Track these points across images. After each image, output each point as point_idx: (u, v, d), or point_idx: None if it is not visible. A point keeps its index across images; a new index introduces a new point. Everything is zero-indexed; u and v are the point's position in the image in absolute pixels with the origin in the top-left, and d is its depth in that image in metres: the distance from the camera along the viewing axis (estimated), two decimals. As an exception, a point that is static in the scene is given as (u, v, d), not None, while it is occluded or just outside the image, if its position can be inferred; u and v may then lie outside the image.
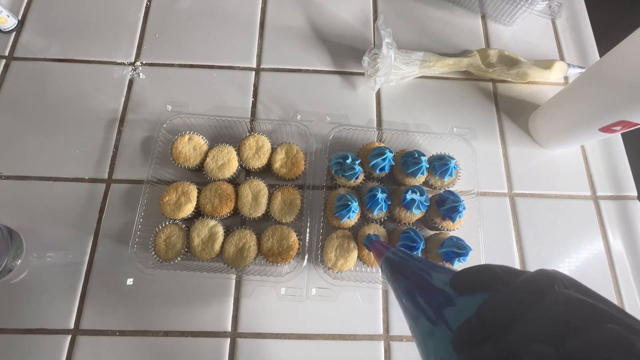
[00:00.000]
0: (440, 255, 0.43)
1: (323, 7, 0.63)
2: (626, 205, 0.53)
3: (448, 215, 0.45)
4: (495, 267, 0.20)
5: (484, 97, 0.58)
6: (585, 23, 0.64)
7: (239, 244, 0.45)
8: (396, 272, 0.28)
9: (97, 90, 0.55)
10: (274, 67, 0.58)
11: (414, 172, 0.46)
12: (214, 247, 0.44)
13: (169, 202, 0.45)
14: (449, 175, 0.47)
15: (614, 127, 0.44)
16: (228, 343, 0.45)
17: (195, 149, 0.48)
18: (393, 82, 0.57)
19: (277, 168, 0.48)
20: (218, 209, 0.45)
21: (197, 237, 0.45)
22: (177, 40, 0.59)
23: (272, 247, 0.45)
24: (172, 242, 0.45)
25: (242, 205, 0.46)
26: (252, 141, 0.49)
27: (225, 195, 0.46)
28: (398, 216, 0.47)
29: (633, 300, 0.49)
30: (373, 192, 0.44)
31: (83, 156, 0.52)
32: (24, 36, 0.58)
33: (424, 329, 0.21)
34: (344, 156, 0.46)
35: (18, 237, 0.47)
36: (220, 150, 0.48)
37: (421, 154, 0.46)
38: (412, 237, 0.43)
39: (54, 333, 0.44)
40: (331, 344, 0.45)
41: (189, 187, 0.47)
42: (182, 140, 0.48)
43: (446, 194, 0.45)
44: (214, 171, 0.47)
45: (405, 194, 0.44)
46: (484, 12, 0.64)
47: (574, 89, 0.49)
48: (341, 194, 0.45)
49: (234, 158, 0.48)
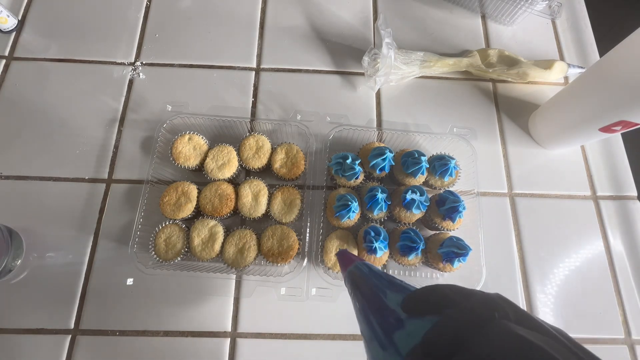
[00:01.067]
0: (440, 255, 0.43)
1: (323, 7, 0.63)
2: (626, 205, 0.53)
3: (448, 215, 0.45)
4: (445, 288, 0.21)
5: (484, 97, 0.58)
6: (585, 23, 0.64)
7: (239, 244, 0.45)
8: (356, 288, 0.27)
9: (97, 90, 0.55)
10: (274, 67, 0.58)
11: (414, 172, 0.46)
12: (214, 247, 0.44)
13: (169, 202, 0.45)
14: (449, 175, 0.47)
15: (614, 127, 0.44)
16: (228, 343, 0.45)
17: (195, 149, 0.48)
18: (393, 82, 0.57)
19: (277, 168, 0.48)
20: (218, 209, 0.45)
21: (197, 237, 0.45)
22: (177, 40, 0.59)
23: (272, 247, 0.45)
24: (172, 242, 0.45)
25: (242, 205, 0.46)
26: (252, 141, 0.49)
27: (225, 195, 0.46)
28: (398, 216, 0.47)
29: (633, 300, 0.49)
30: (373, 192, 0.44)
31: (83, 156, 0.52)
32: (24, 36, 0.58)
33: (376, 354, 0.21)
34: (344, 156, 0.46)
35: (18, 237, 0.47)
36: (220, 150, 0.48)
37: (421, 154, 0.46)
38: (412, 237, 0.43)
39: (54, 333, 0.44)
40: (331, 344, 0.45)
41: (189, 187, 0.47)
42: (182, 140, 0.48)
43: (446, 194, 0.45)
44: (214, 171, 0.47)
45: (405, 194, 0.44)
46: (484, 12, 0.64)
47: (574, 89, 0.49)
48: (341, 194, 0.45)
49: (234, 158, 0.48)
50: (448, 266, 0.44)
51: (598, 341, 0.47)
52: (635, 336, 0.47)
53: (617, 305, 0.49)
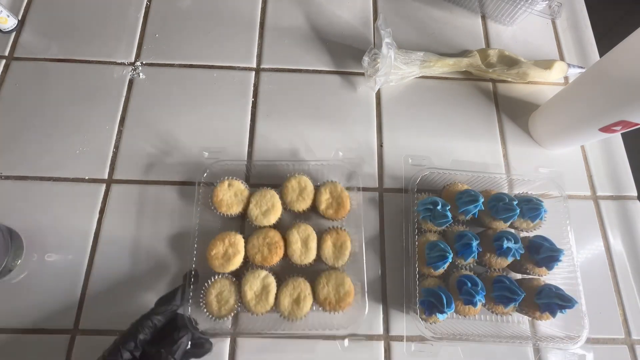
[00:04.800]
0: (538, 305, 0.41)
1: (323, 7, 0.63)
2: (626, 205, 0.53)
3: (544, 264, 0.43)
4: None
5: (484, 97, 0.58)
6: (585, 23, 0.64)
7: (293, 294, 0.43)
8: None
9: (97, 90, 0.55)
10: (274, 67, 0.58)
11: (505, 218, 0.44)
12: (268, 300, 0.42)
13: (216, 256, 0.43)
14: (539, 219, 0.45)
15: (614, 127, 0.44)
16: (228, 343, 0.45)
17: (237, 195, 0.46)
18: (393, 82, 0.57)
19: (324, 210, 0.46)
20: (268, 259, 0.43)
21: (249, 290, 0.42)
22: (177, 40, 0.59)
23: (328, 295, 0.43)
24: (224, 297, 0.42)
25: (293, 252, 0.44)
26: (295, 183, 0.47)
27: (274, 243, 0.44)
28: (488, 262, 0.45)
29: (633, 300, 0.49)
30: (466, 241, 0.43)
31: (83, 156, 0.52)
32: (24, 36, 0.58)
33: None
34: (433, 202, 0.44)
35: (18, 237, 0.47)
36: (262, 195, 0.46)
37: (511, 199, 0.44)
38: (511, 287, 0.41)
39: (54, 333, 0.44)
40: (331, 343, 0.45)
41: (235, 237, 0.44)
42: (222, 187, 0.46)
43: (539, 241, 0.44)
44: (258, 218, 0.45)
45: (500, 241, 0.43)
46: (484, 12, 0.64)
47: (574, 89, 0.49)
48: (433, 242, 0.44)
49: (277, 202, 0.46)
50: (546, 315, 0.42)
51: (598, 341, 0.47)
52: (635, 336, 0.47)
53: (617, 305, 0.49)
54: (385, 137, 0.55)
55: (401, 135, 0.55)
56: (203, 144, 0.52)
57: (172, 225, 0.49)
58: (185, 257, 0.47)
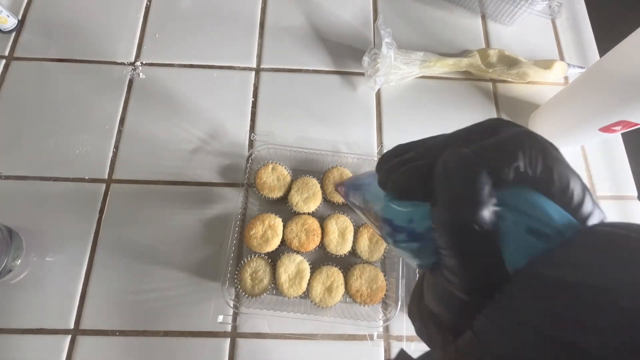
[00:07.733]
0: None
1: (323, 7, 0.63)
2: (626, 205, 0.53)
3: None
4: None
5: (484, 97, 0.58)
6: (585, 23, 0.64)
7: (326, 283, 0.44)
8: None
9: (97, 90, 0.55)
10: (274, 67, 0.58)
11: None
12: (301, 285, 0.43)
13: (255, 236, 0.44)
14: None
15: (614, 127, 0.44)
16: (228, 343, 0.45)
17: (279, 180, 0.47)
18: (393, 82, 0.57)
19: None
20: (305, 244, 0.44)
21: (284, 273, 0.44)
22: (177, 40, 0.59)
23: (360, 287, 0.44)
24: (258, 277, 0.44)
25: (329, 241, 0.45)
26: (337, 174, 0.48)
27: (312, 230, 0.45)
28: None
29: (633, 300, 0.49)
30: None
31: (83, 156, 0.52)
32: (24, 36, 0.58)
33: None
34: None
35: (18, 237, 0.47)
36: (304, 182, 0.47)
37: None
38: None
39: (54, 333, 0.44)
40: (331, 343, 0.45)
41: (275, 220, 0.45)
42: (266, 170, 0.47)
43: None
44: (299, 204, 0.46)
45: None
46: (484, 12, 0.64)
47: (574, 89, 0.49)
48: None
49: (318, 191, 0.47)
50: None
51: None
52: (635, 336, 0.47)
53: (617, 305, 0.49)
54: (385, 137, 0.55)
55: (401, 135, 0.55)
56: (203, 143, 0.52)
57: (172, 225, 0.49)
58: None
